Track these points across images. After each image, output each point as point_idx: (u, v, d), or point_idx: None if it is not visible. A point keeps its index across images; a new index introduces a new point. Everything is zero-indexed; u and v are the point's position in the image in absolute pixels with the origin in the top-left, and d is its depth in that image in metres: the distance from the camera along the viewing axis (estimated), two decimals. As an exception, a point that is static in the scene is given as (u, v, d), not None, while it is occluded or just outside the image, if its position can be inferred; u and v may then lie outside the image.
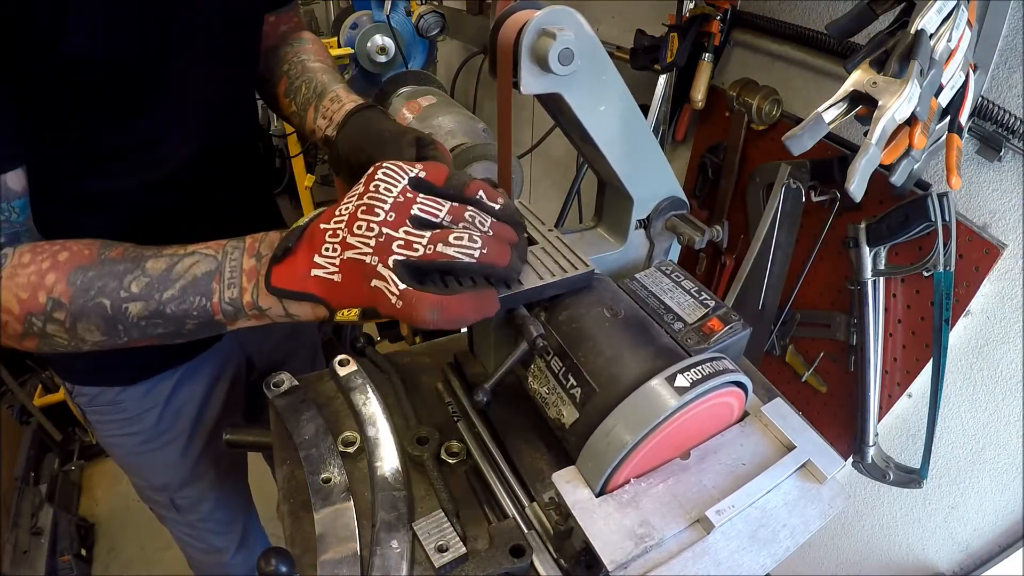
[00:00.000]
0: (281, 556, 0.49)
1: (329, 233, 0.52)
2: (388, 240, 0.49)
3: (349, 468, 0.66)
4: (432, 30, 1.87)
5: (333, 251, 0.51)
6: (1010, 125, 0.81)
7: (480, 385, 0.60)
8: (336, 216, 0.52)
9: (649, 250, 0.79)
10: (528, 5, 0.56)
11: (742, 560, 0.50)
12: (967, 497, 1.02)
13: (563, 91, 0.59)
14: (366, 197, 0.51)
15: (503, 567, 0.55)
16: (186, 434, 0.97)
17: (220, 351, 0.97)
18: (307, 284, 0.52)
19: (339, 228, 0.51)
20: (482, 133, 1.11)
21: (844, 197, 1.02)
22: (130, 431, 0.93)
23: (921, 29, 0.66)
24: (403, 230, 0.50)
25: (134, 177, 0.72)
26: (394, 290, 0.49)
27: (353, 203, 0.52)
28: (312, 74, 0.85)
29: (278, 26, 0.92)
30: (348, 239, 0.51)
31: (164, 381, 0.92)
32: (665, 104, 1.37)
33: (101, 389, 0.89)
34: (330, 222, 0.52)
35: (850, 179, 0.67)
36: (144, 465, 1.00)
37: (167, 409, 0.93)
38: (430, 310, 0.49)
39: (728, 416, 0.58)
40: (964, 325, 0.95)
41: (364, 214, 0.51)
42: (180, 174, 0.75)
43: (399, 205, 0.51)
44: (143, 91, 0.65)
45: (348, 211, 0.52)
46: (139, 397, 0.91)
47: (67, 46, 0.55)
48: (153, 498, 1.06)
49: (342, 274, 0.51)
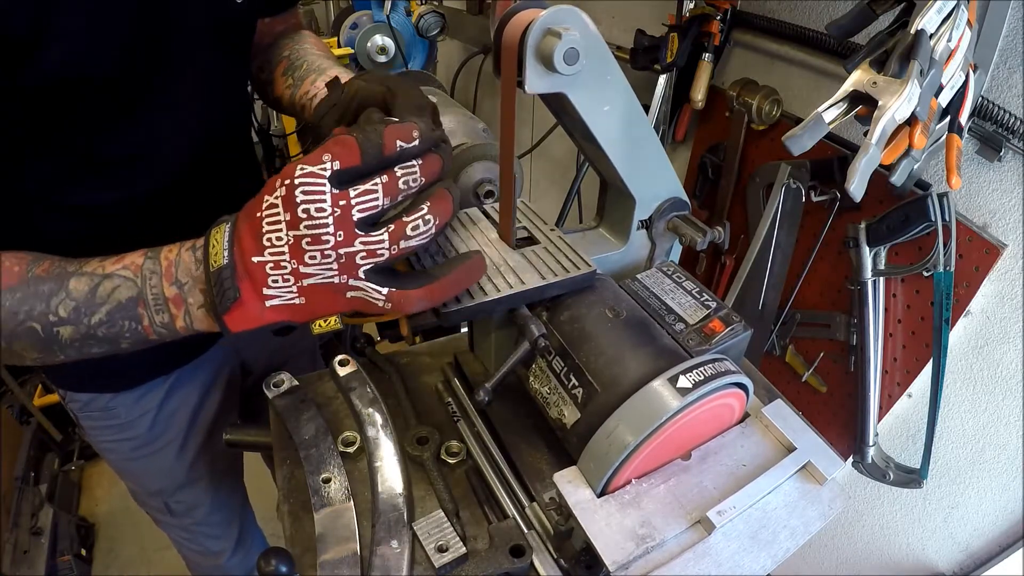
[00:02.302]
0: (281, 556, 0.49)
1: (270, 266, 0.49)
2: (350, 257, 0.48)
3: (349, 468, 0.66)
4: (432, 30, 1.87)
5: (285, 281, 0.49)
6: (1010, 125, 0.81)
7: (482, 384, 0.60)
8: (270, 247, 0.48)
9: (650, 251, 0.79)
10: (533, 4, 0.56)
11: (743, 561, 0.50)
12: (967, 497, 1.02)
13: (568, 91, 0.59)
14: (302, 226, 0.47)
15: (503, 567, 0.55)
16: (180, 440, 0.96)
17: (214, 356, 0.96)
18: (266, 316, 0.51)
19: (282, 260, 0.48)
20: (482, 133, 1.11)
21: (844, 197, 1.02)
22: (123, 437, 0.93)
23: (921, 29, 0.66)
24: (359, 242, 0.48)
25: (124, 188, 0.70)
26: (378, 296, 0.49)
27: (284, 231, 0.48)
28: (315, 59, 0.84)
29: (274, 27, 0.91)
30: (302, 269, 0.48)
31: (156, 388, 0.91)
32: (665, 104, 1.37)
33: (93, 395, 0.88)
34: (263, 254, 0.49)
35: (850, 179, 0.67)
36: (138, 470, 0.99)
37: (160, 415, 0.93)
38: (420, 302, 0.50)
39: (729, 417, 0.58)
40: (964, 325, 0.95)
41: (311, 245, 0.47)
42: (171, 185, 0.74)
43: (340, 219, 0.47)
44: (131, 104, 0.64)
45: (285, 241, 0.48)
46: (131, 404, 0.90)
47: (49, 62, 0.54)
48: (148, 502, 1.05)
49: (306, 297, 0.50)
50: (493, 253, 0.65)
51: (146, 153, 0.70)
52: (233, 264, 0.50)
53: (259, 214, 0.49)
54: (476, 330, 0.77)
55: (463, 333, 0.85)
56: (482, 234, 0.69)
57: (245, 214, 0.51)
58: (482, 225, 0.71)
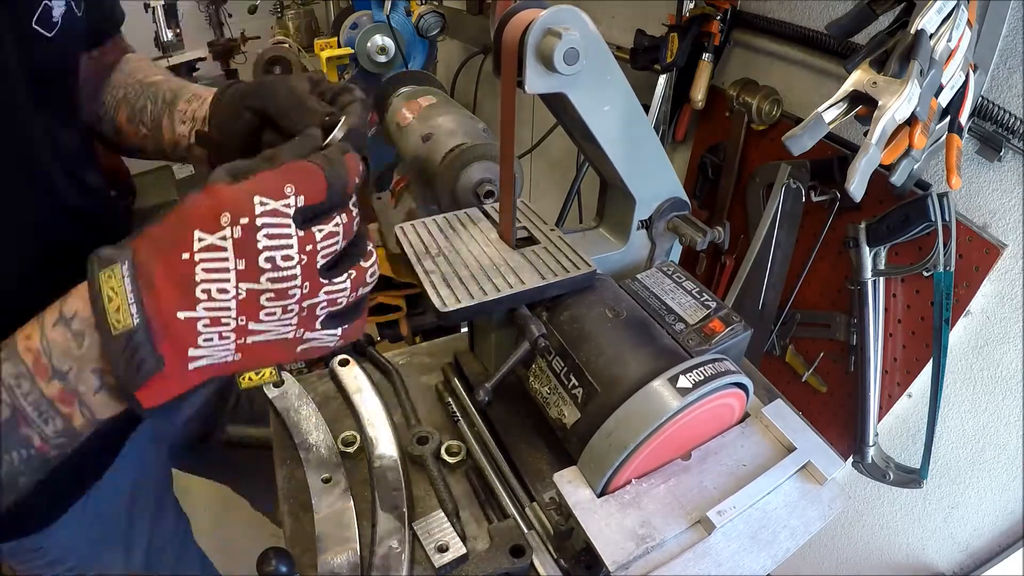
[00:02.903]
0: (281, 556, 0.49)
1: (204, 323, 0.39)
2: (311, 309, 0.42)
3: (349, 468, 0.66)
4: (432, 30, 1.87)
5: (223, 339, 0.40)
6: (1010, 125, 0.81)
7: (482, 384, 0.60)
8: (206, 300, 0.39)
9: (650, 251, 0.79)
10: (533, 4, 0.56)
11: (743, 561, 0.50)
12: (967, 497, 1.02)
13: (568, 91, 0.59)
14: (263, 279, 0.39)
15: (503, 567, 0.55)
16: (122, 546, 0.85)
17: (131, 457, 0.82)
18: (189, 380, 0.41)
19: (223, 316, 0.39)
20: (482, 133, 1.11)
21: (844, 197, 1.02)
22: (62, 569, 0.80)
23: (921, 29, 0.66)
24: (323, 292, 0.42)
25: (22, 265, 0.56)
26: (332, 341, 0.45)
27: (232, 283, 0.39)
28: (155, 88, 0.72)
29: (102, 60, 0.75)
30: (252, 326, 0.41)
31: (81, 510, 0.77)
32: (665, 104, 1.37)
33: (15, 541, 0.74)
34: (195, 308, 0.39)
35: (850, 179, 0.67)
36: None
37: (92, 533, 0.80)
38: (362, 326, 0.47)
39: (729, 417, 0.58)
40: (964, 325, 0.95)
41: (274, 300, 0.40)
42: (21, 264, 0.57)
43: (306, 268, 0.40)
44: None
45: (232, 295, 0.39)
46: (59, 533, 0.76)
47: None
48: None
49: (244, 354, 0.42)
50: (493, 253, 0.65)
51: None
52: (146, 324, 0.38)
53: (186, 255, 0.38)
54: (476, 330, 0.77)
55: (463, 333, 0.85)
56: (482, 234, 0.69)
57: (154, 251, 0.39)
58: (482, 225, 0.71)
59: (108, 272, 0.38)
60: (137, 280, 0.38)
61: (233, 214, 0.38)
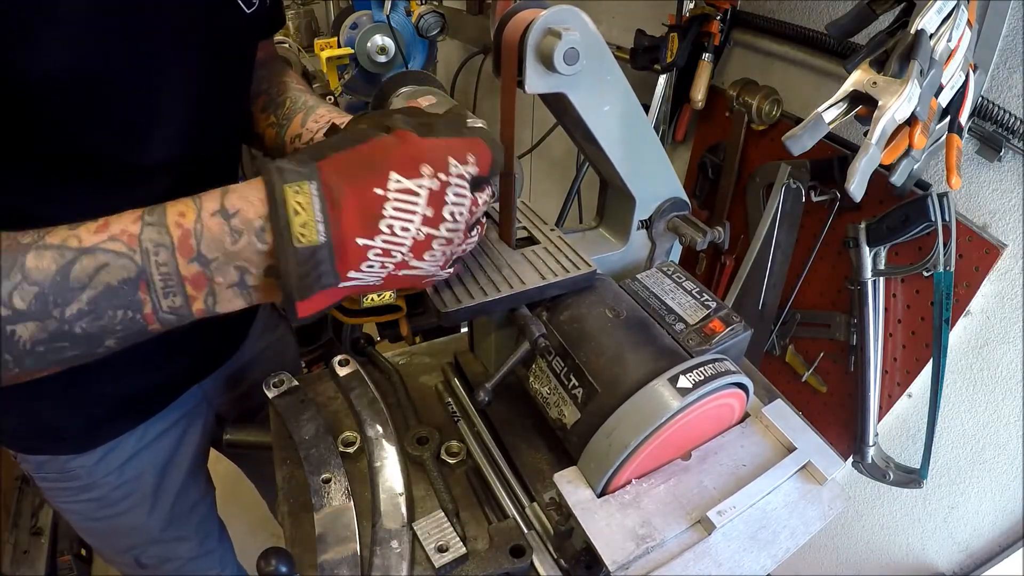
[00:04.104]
0: (281, 556, 0.49)
1: (375, 252, 0.44)
2: (452, 255, 0.50)
3: (349, 468, 0.66)
4: (432, 30, 1.87)
5: (383, 268, 0.45)
6: (1010, 125, 0.81)
7: (482, 384, 0.60)
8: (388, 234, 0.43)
9: (650, 251, 0.79)
10: (533, 4, 0.56)
11: (743, 561, 0.50)
12: (967, 497, 1.02)
13: (568, 91, 0.59)
14: (443, 227, 0.46)
15: (503, 567, 0.55)
16: (149, 500, 0.88)
17: (182, 409, 0.87)
18: (335, 298, 0.46)
19: (395, 249, 0.44)
20: (482, 133, 1.11)
21: (844, 197, 1.02)
22: (85, 498, 0.83)
23: (921, 29, 0.66)
24: (466, 242, 0.51)
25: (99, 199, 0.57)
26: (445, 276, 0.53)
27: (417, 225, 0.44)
28: (298, 94, 0.78)
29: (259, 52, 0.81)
30: (413, 263, 0.46)
31: (120, 446, 0.81)
32: (665, 104, 1.37)
33: (48, 457, 0.78)
34: (373, 239, 0.43)
35: (850, 179, 0.67)
36: (103, 530, 0.90)
37: (124, 476, 0.83)
38: None
39: (729, 417, 0.58)
40: (964, 325, 0.95)
41: (443, 245, 0.47)
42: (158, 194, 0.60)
43: (468, 225, 0.49)
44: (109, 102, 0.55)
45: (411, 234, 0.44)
46: (92, 464, 0.80)
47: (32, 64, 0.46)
48: (116, 560, 0.97)
49: (386, 282, 0.47)
50: (493, 253, 0.65)
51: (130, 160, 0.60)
52: (331, 244, 0.41)
53: (379, 191, 0.42)
54: (476, 330, 0.77)
55: (463, 333, 0.85)
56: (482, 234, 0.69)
57: (344, 176, 0.42)
58: (482, 225, 0.71)
59: (296, 187, 0.40)
60: (325, 204, 0.41)
61: (433, 167, 0.44)
